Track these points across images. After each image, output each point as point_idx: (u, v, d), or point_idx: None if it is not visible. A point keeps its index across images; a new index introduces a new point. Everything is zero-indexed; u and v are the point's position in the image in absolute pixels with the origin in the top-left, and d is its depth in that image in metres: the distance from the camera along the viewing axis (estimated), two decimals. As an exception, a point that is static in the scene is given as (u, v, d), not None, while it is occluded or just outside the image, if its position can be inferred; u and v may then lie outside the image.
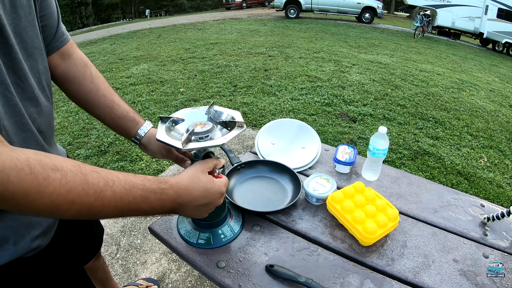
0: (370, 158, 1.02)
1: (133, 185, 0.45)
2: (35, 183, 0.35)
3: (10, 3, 0.46)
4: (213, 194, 0.56)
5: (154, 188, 0.47)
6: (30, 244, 0.56)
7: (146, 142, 0.73)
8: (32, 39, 0.52)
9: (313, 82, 4.18)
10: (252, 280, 0.69)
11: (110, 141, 2.66)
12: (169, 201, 0.50)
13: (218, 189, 0.57)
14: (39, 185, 0.35)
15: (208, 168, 0.59)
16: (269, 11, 15.36)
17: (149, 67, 4.85)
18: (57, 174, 0.37)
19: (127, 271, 1.54)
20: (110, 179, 0.42)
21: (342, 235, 0.82)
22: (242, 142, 2.73)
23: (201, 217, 0.59)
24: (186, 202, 0.53)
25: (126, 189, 0.44)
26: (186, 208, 0.54)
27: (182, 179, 0.53)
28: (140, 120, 0.73)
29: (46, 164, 0.37)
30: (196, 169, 0.57)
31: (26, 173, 0.34)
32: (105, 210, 0.42)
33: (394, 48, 7.28)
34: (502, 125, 3.43)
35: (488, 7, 10.29)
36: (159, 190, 0.48)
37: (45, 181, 0.36)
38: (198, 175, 0.55)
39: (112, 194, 0.42)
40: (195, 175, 0.55)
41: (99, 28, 13.54)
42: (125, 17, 25.08)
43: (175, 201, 0.51)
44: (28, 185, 0.34)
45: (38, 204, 0.36)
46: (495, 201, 2.16)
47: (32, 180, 0.35)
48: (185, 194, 0.52)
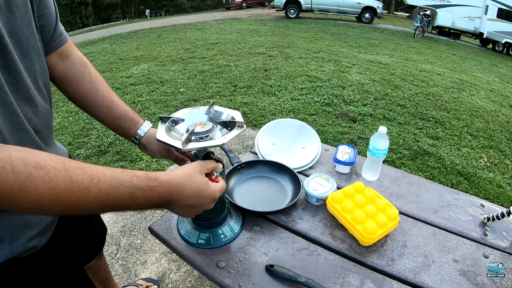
0: (370, 158, 1.02)
1: (120, 182, 0.44)
2: (17, 182, 0.35)
3: (5, 2, 0.46)
4: (205, 198, 0.55)
5: (142, 186, 0.46)
6: (26, 244, 0.56)
7: (146, 142, 0.72)
8: (28, 38, 0.52)
9: (313, 82, 4.18)
10: (252, 280, 0.69)
11: (110, 141, 2.66)
12: (158, 198, 0.49)
13: (211, 193, 0.56)
14: (22, 184, 0.35)
15: (206, 169, 0.58)
16: (269, 11, 15.36)
17: (149, 67, 4.85)
18: (39, 172, 0.37)
19: (127, 271, 1.54)
20: (95, 176, 0.41)
21: (342, 235, 0.82)
22: (242, 142, 2.73)
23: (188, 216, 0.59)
24: (176, 200, 0.52)
25: (112, 186, 0.43)
26: (175, 205, 0.53)
27: (176, 176, 0.52)
28: (139, 120, 0.73)
29: (29, 162, 0.36)
30: (193, 168, 0.55)
31: (8, 172, 0.34)
32: (90, 207, 0.42)
33: (394, 48, 7.28)
34: (502, 125, 3.43)
35: (488, 7, 10.29)
36: (148, 187, 0.47)
37: (27, 179, 0.35)
38: (194, 174, 0.54)
39: (97, 192, 0.41)
40: (191, 174, 0.54)
41: (99, 28, 13.54)
42: (125, 17, 25.09)
43: (165, 198, 0.50)
44: (11, 184, 0.34)
45: (22, 202, 0.36)
46: (495, 201, 2.16)
47: (14, 179, 0.34)
48: (177, 192, 0.51)
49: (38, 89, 0.57)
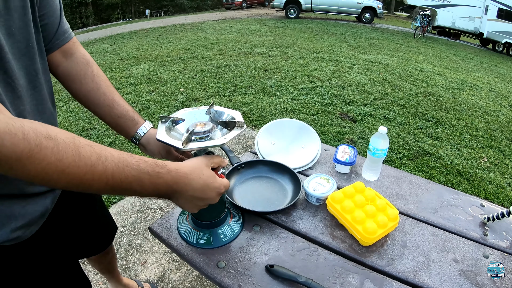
0: (370, 158, 1.02)
1: (127, 164, 0.44)
2: (27, 148, 0.36)
3: (4, 5, 0.48)
4: (211, 191, 0.55)
5: (149, 170, 0.46)
6: (10, 235, 0.57)
7: (145, 142, 0.73)
8: (27, 39, 0.53)
9: (313, 82, 4.18)
10: (252, 280, 0.69)
11: (110, 141, 2.66)
12: (164, 185, 0.49)
13: (218, 186, 0.56)
14: (31, 151, 0.36)
15: (213, 163, 0.58)
16: (269, 11, 15.36)
17: (149, 67, 4.85)
18: (49, 142, 0.38)
19: (127, 271, 1.54)
20: (103, 155, 0.42)
21: (342, 235, 0.82)
22: (242, 142, 2.73)
23: (191, 211, 0.58)
24: (183, 190, 0.52)
25: (119, 167, 0.43)
26: (181, 196, 0.53)
27: (184, 166, 0.52)
28: (139, 120, 0.73)
29: (40, 132, 0.38)
30: (201, 161, 0.56)
31: (19, 138, 0.35)
32: (96, 185, 0.42)
33: (394, 48, 7.28)
34: (502, 125, 3.43)
35: (488, 7, 10.28)
36: (154, 173, 0.47)
37: (37, 147, 0.37)
38: (202, 167, 0.55)
39: (103, 170, 0.42)
40: (199, 166, 0.54)
41: (99, 28, 13.55)
42: (125, 17, 25.08)
43: (171, 187, 0.50)
44: (21, 150, 0.35)
45: (30, 169, 0.37)
46: (495, 201, 2.16)
47: (24, 145, 0.36)
48: (184, 182, 0.51)
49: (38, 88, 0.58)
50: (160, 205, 1.97)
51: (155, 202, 1.99)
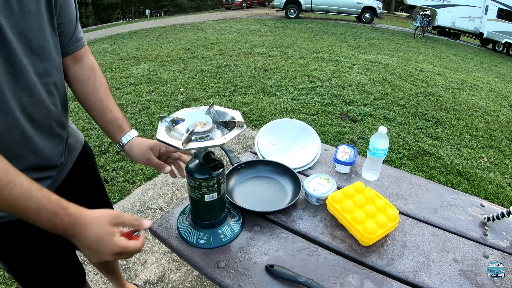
0: (370, 158, 1.02)
1: (31, 196, 0.47)
2: None
3: (19, 8, 0.54)
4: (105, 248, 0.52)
5: (49, 208, 0.48)
6: None
7: (128, 150, 0.76)
8: (38, 39, 0.59)
9: (313, 82, 4.18)
10: (252, 280, 0.69)
11: (110, 141, 2.66)
12: (60, 226, 0.49)
13: (111, 246, 0.52)
14: None
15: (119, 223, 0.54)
16: (269, 11, 15.36)
17: (149, 67, 4.85)
18: None
19: (127, 271, 1.54)
20: (13, 181, 0.46)
21: (342, 235, 0.82)
22: (242, 142, 2.73)
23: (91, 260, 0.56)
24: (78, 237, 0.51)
25: (23, 197, 0.46)
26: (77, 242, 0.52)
27: (85, 215, 0.51)
28: (126, 128, 0.77)
29: None
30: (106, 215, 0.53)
31: None
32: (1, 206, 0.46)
33: (394, 48, 7.28)
34: (502, 125, 3.43)
35: (488, 7, 10.28)
36: (53, 212, 0.48)
37: None
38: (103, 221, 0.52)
39: (8, 195, 0.45)
40: (100, 219, 0.52)
41: (99, 28, 13.54)
42: (125, 17, 25.08)
43: (68, 230, 0.50)
44: None
45: None
46: (495, 201, 2.16)
47: None
48: (80, 230, 0.51)
49: (44, 84, 0.63)
50: (160, 205, 1.97)
51: (155, 202, 2.00)
